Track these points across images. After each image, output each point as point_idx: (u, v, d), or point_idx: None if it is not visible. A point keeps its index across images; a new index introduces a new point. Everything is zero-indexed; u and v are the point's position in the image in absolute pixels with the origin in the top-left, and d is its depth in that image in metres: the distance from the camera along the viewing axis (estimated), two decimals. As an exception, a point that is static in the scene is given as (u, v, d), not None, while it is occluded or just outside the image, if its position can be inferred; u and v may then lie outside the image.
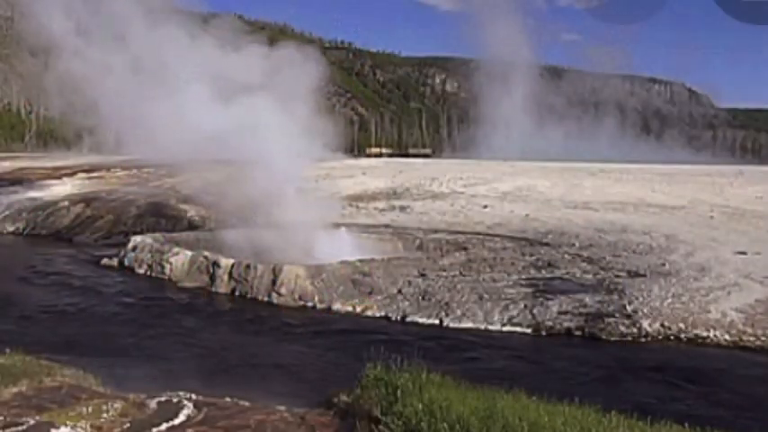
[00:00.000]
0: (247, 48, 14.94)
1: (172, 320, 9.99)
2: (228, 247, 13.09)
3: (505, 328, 9.25)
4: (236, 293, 11.47)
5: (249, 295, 11.27)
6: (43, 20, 14.83)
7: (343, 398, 5.36)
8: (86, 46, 14.30)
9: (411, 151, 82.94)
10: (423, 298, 10.34)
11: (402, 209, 19.33)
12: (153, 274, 12.97)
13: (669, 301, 9.53)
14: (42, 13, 14.86)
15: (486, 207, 19.20)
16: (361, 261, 12.12)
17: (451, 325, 9.44)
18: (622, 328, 8.86)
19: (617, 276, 10.99)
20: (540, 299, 9.95)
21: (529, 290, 10.46)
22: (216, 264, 12.07)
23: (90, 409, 5.01)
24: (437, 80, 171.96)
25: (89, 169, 30.69)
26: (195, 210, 19.45)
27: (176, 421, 4.88)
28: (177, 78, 14.00)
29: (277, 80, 14.07)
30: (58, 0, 14.68)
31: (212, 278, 11.98)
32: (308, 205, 13.81)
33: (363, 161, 42.99)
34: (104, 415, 4.93)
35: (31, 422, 4.61)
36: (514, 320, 9.38)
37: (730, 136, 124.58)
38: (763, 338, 8.37)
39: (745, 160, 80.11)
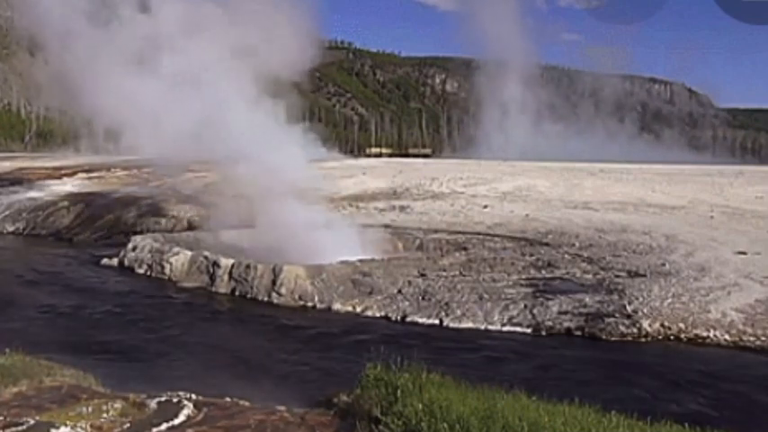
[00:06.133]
0: None
1: (172, 320, 9.99)
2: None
3: (505, 328, 9.25)
4: (236, 293, 11.47)
5: (249, 295, 11.27)
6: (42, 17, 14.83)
7: (343, 398, 5.36)
8: (83, 43, 14.28)
9: (411, 151, 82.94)
10: (423, 298, 10.34)
11: (402, 209, 19.32)
12: (153, 274, 12.97)
13: (669, 301, 9.52)
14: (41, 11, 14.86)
15: (486, 207, 19.20)
16: (361, 261, 12.13)
17: (451, 325, 9.44)
18: (622, 328, 8.86)
19: (617, 276, 10.98)
20: (540, 299, 9.95)
21: (529, 290, 10.46)
22: (216, 264, 12.07)
23: (90, 409, 5.01)
24: (437, 80, 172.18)
25: (89, 169, 30.70)
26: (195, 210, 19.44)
27: (176, 421, 4.88)
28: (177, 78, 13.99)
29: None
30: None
31: (212, 278, 11.98)
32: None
33: (363, 161, 43.00)
34: (104, 415, 4.93)
35: (31, 422, 4.60)
36: (514, 320, 9.37)
37: (730, 136, 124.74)
38: (763, 338, 8.36)
39: (745, 160, 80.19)
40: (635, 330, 8.80)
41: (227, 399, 5.49)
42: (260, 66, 14.27)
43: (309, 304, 10.70)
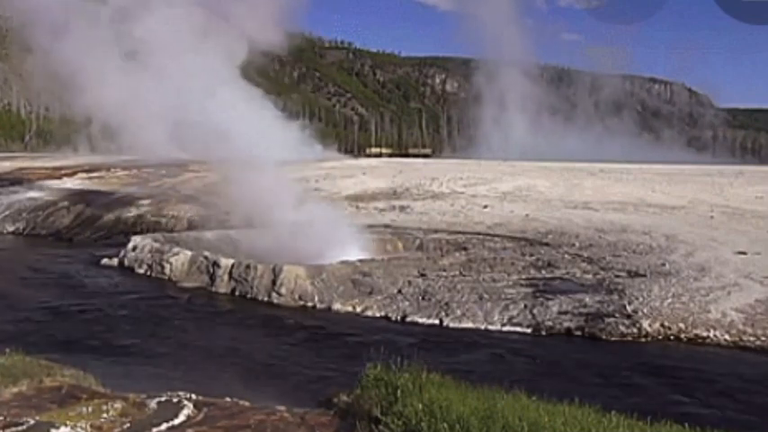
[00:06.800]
0: None
1: (172, 320, 9.99)
2: None
3: (505, 328, 9.25)
4: (236, 293, 11.47)
5: (249, 295, 11.27)
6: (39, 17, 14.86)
7: (343, 398, 5.35)
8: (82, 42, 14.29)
9: (411, 151, 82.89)
10: (423, 298, 10.34)
11: (402, 209, 19.32)
12: (153, 274, 12.97)
13: (669, 301, 9.53)
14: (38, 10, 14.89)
15: (486, 207, 19.20)
16: (361, 261, 12.14)
17: (451, 325, 9.44)
18: (622, 328, 8.86)
19: (617, 276, 10.98)
20: (540, 299, 9.95)
21: (529, 290, 10.46)
22: (216, 264, 12.07)
23: (90, 409, 5.00)
24: (437, 80, 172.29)
25: (89, 169, 30.70)
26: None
27: (176, 421, 4.88)
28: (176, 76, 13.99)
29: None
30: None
31: (212, 278, 11.98)
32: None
33: (363, 161, 42.98)
34: (104, 415, 4.93)
35: (31, 422, 4.60)
36: (514, 320, 9.38)
37: (730, 136, 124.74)
38: (763, 338, 8.37)
39: (745, 160, 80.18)
40: (635, 330, 8.80)
41: (227, 399, 5.49)
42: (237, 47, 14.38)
43: (309, 304, 10.70)
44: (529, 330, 9.17)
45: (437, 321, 9.58)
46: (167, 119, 13.97)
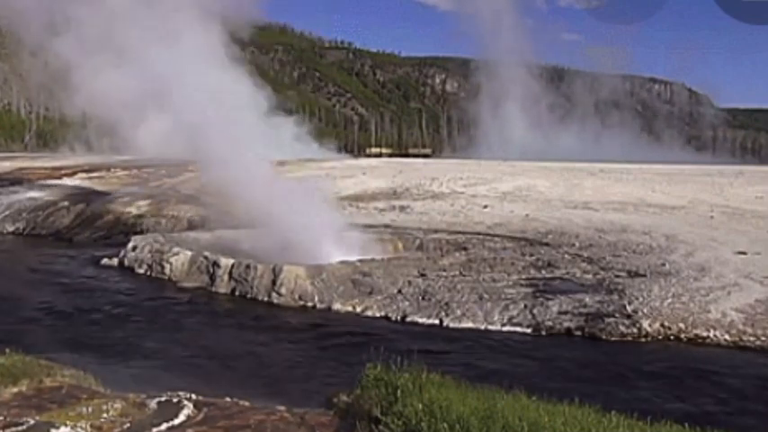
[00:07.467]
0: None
1: (172, 320, 9.99)
2: None
3: (505, 328, 9.25)
4: (236, 293, 11.47)
5: (249, 295, 11.27)
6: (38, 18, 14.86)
7: (343, 398, 5.36)
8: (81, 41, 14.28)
9: (411, 151, 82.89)
10: (423, 298, 10.33)
11: (402, 209, 19.32)
12: (153, 274, 12.97)
13: (669, 301, 9.53)
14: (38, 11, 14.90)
15: (486, 207, 19.21)
16: (361, 261, 12.14)
17: (451, 325, 9.44)
18: (622, 328, 8.86)
19: (617, 276, 10.98)
20: (540, 299, 9.95)
21: (529, 290, 10.46)
22: (216, 264, 12.07)
23: (90, 409, 5.01)
24: (437, 80, 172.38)
25: (89, 169, 30.69)
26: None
27: (176, 421, 4.88)
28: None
29: None
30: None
31: (212, 278, 11.98)
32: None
33: (363, 161, 42.97)
34: (104, 415, 4.93)
35: (31, 422, 4.61)
36: (514, 320, 9.38)
37: (730, 136, 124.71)
38: (763, 338, 8.36)
39: (745, 160, 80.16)
40: (635, 330, 8.80)
41: (227, 399, 5.50)
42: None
43: (309, 304, 10.70)
44: (529, 330, 9.17)
45: (437, 321, 9.58)
46: (153, 115, 13.95)
